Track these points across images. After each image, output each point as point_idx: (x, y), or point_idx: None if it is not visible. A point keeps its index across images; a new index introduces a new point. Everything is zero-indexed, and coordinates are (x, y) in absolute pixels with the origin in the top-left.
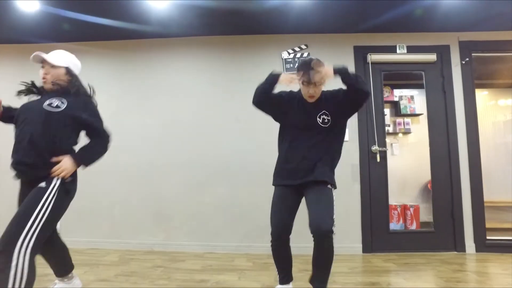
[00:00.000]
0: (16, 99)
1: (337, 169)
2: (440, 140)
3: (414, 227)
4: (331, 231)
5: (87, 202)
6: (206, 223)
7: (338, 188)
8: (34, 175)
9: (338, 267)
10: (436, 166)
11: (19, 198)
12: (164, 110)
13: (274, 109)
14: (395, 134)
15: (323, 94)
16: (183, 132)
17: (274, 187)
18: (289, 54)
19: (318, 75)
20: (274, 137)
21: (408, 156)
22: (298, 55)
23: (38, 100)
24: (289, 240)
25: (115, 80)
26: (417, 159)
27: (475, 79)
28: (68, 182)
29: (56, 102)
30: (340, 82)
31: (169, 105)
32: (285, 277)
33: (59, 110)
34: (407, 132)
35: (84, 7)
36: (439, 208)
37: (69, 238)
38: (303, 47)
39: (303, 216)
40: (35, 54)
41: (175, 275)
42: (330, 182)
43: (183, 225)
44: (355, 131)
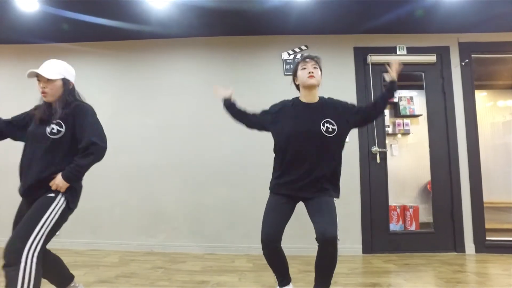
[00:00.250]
0: (15, 101)
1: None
2: (439, 141)
3: (413, 227)
4: (336, 237)
5: (87, 203)
6: (206, 224)
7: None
8: (40, 194)
9: (338, 268)
10: (436, 167)
11: (21, 208)
12: (164, 111)
13: (267, 126)
14: (394, 135)
15: (324, 99)
16: (183, 132)
17: (269, 193)
18: (289, 55)
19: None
20: None
21: (407, 157)
22: (298, 56)
23: (41, 125)
24: (279, 246)
25: (115, 80)
26: (416, 160)
27: (474, 80)
28: (69, 194)
29: (55, 127)
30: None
31: (169, 105)
32: (283, 280)
33: (60, 135)
34: (406, 133)
35: (84, 7)
36: (439, 208)
37: (69, 240)
38: (304, 48)
39: (302, 218)
40: (29, 71)
41: (176, 276)
42: (334, 196)
43: (183, 226)
44: (355, 133)
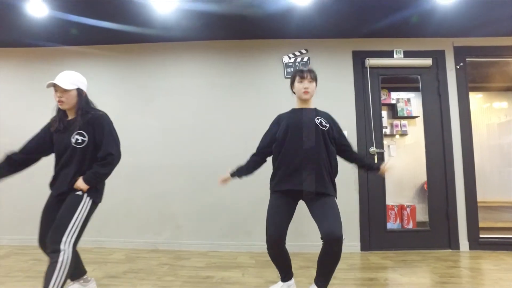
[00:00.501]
0: (24, 101)
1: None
2: (435, 142)
3: (410, 226)
4: (342, 238)
5: None
6: (209, 222)
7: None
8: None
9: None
10: (432, 167)
11: (50, 203)
12: (168, 112)
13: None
14: (392, 136)
15: (318, 111)
16: (187, 133)
17: (270, 194)
18: (289, 58)
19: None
20: None
21: (405, 157)
22: (299, 59)
23: (64, 134)
24: (284, 244)
25: (120, 82)
26: (414, 160)
27: (470, 82)
28: (93, 193)
29: (79, 137)
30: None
31: (172, 107)
32: (286, 275)
33: (84, 145)
34: (404, 134)
35: (91, 12)
36: (434, 207)
37: None
38: (303, 51)
39: (303, 217)
40: (48, 83)
41: (181, 272)
42: (333, 195)
43: (187, 224)
44: (354, 133)
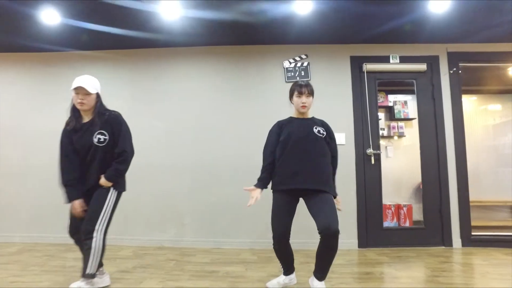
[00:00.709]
0: (36, 101)
1: None
2: (430, 143)
3: (407, 225)
4: (338, 231)
5: None
6: (214, 221)
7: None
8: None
9: (336, 260)
10: (426, 168)
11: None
12: (173, 114)
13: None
14: (389, 137)
15: (315, 120)
16: (192, 135)
17: (272, 194)
18: (290, 63)
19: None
20: None
21: (402, 158)
22: (299, 64)
23: (85, 134)
24: (288, 240)
25: (127, 85)
26: (410, 161)
27: (464, 85)
28: (117, 185)
29: (101, 136)
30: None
31: (178, 109)
32: (288, 269)
33: (106, 142)
34: (401, 135)
35: (101, 19)
36: (429, 206)
37: None
38: (303, 56)
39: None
40: (77, 85)
41: (188, 267)
42: (332, 194)
43: (192, 222)
44: (351, 135)
